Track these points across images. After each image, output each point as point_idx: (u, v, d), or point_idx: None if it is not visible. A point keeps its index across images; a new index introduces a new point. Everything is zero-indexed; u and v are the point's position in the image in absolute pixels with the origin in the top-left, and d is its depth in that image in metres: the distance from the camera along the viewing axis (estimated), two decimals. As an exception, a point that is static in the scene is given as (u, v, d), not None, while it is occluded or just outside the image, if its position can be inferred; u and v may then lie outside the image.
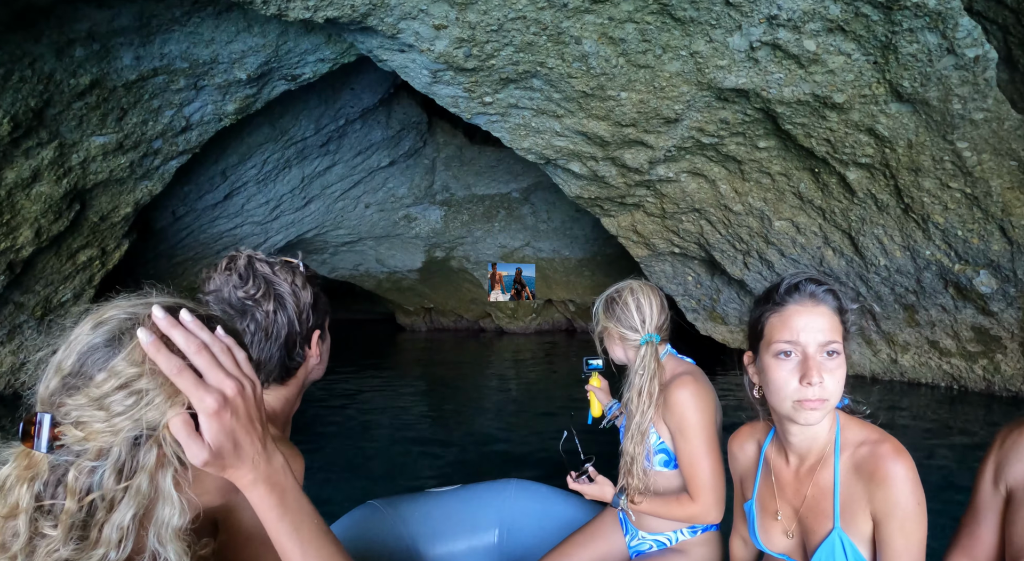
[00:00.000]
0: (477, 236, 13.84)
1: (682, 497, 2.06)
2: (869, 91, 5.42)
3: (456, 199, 13.17)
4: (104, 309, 0.93)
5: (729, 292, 8.68)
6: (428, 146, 11.71)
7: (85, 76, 4.94)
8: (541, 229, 13.73)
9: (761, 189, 6.87)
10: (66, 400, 0.87)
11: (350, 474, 5.05)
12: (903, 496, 1.40)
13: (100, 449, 0.85)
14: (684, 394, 2.02)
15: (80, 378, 0.87)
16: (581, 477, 2.18)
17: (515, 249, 14.22)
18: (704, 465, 2.00)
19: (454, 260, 14.70)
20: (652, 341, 2.12)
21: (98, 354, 0.88)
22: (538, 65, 5.31)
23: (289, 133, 8.39)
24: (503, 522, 2.66)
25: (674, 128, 6.17)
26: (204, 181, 8.19)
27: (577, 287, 14.68)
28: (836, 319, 1.49)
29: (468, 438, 6.37)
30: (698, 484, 2.01)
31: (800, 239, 7.16)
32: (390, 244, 14.15)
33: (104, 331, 0.89)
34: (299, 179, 9.87)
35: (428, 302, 16.89)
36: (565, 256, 14.19)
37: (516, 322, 16.17)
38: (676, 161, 6.74)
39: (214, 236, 10.12)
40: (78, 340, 0.90)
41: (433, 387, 10.41)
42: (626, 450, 2.12)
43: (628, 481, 2.10)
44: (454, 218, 13.43)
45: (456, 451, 5.83)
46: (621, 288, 2.24)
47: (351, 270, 15.52)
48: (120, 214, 6.61)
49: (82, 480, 0.85)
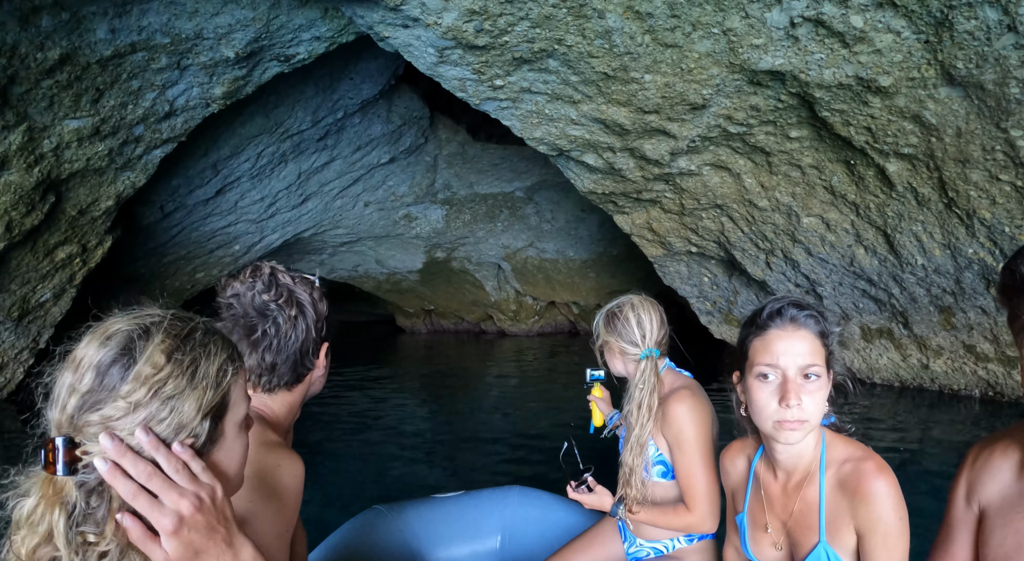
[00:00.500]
0: (479, 236, 13.27)
1: (679, 507, 2.10)
2: (918, 73, 4.87)
3: (458, 198, 12.61)
4: (105, 326, 0.93)
5: (747, 294, 8.13)
6: (429, 142, 11.15)
7: (54, 50, 4.37)
8: (545, 229, 13.17)
9: (790, 183, 6.32)
10: (90, 417, 0.88)
11: (350, 478, 4.94)
12: (885, 512, 1.45)
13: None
14: (682, 408, 2.07)
15: (102, 392, 0.88)
16: (580, 487, 2.20)
17: (518, 250, 13.66)
18: (700, 477, 2.05)
19: (455, 261, 14.13)
20: (652, 356, 2.15)
21: (116, 366, 0.89)
22: (556, 42, 4.75)
23: (284, 125, 7.82)
24: (505, 528, 2.68)
25: (700, 116, 5.62)
26: (194, 175, 7.60)
27: (581, 289, 14.11)
28: (817, 342, 1.53)
29: (469, 443, 6.22)
30: (694, 495, 2.05)
31: (830, 237, 6.61)
32: (390, 244, 13.58)
33: (115, 344, 0.90)
34: (295, 175, 9.29)
35: (428, 304, 16.31)
36: (569, 257, 13.63)
37: (518, 324, 15.60)
38: (699, 153, 6.19)
39: (206, 234, 9.54)
40: (88, 358, 0.90)
41: (434, 390, 9.85)
42: (625, 461, 2.15)
43: (626, 492, 2.14)
44: (455, 218, 12.87)
45: (457, 456, 5.68)
46: (622, 303, 2.26)
47: (350, 271, 14.95)
48: (100, 208, 6.04)
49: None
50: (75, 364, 0.90)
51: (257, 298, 1.45)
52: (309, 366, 1.54)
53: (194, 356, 0.94)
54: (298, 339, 1.48)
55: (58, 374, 0.91)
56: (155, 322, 0.93)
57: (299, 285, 1.51)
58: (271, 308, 1.45)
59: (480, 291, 14.98)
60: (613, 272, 13.74)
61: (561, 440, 2.33)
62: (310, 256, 14.15)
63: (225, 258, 10.62)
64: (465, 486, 3.05)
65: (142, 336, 0.90)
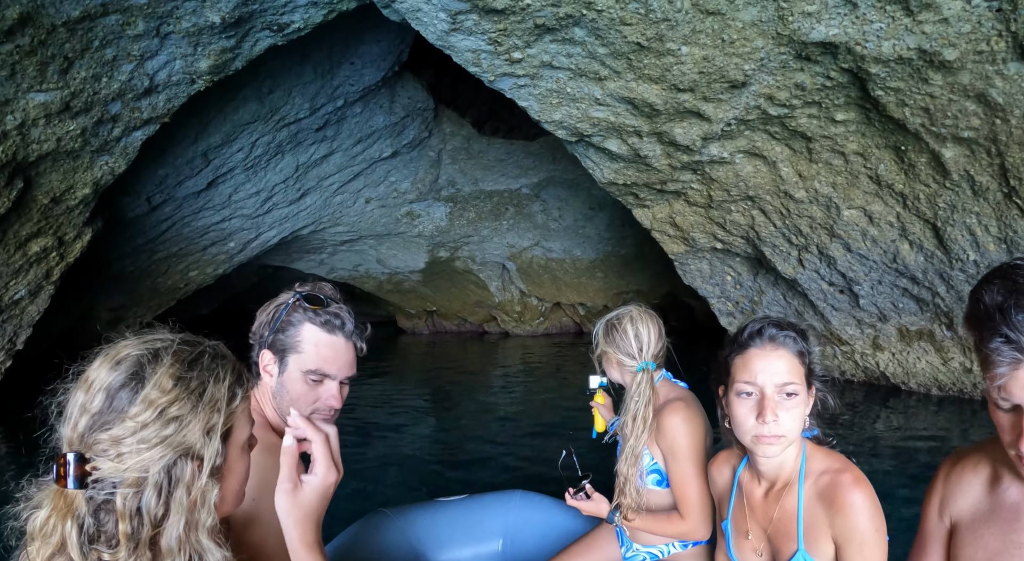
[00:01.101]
0: (484, 235, 12.64)
1: (673, 515, 2.13)
2: (987, 46, 4.26)
3: (462, 195, 11.98)
4: (116, 350, 0.97)
5: (774, 293, 7.51)
6: (433, 136, 10.52)
7: (12, 7, 3.72)
8: (552, 228, 12.54)
9: (831, 172, 5.70)
10: (99, 436, 0.92)
11: (354, 481, 4.82)
12: (861, 522, 1.48)
13: (139, 477, 0.92)
14: (676, 420, 2.10)
15: (111, 414, 0.93)
16: (578, 494, 2.22)
17: (523, 249, 13.03)
18: (693, 486, 2.07)
19: (459, 260, 13.49)
20: (648, 369, 2.18)
21: (125, 390, 0.93)
22: (585, 6, 4.12)
23: (280, 112, 7.18)
24: (507, 531, 2.70)
25: (738, 95, 5.00)
26: (183, 164, 6.96)
27: (588, 289, 13.48)
28: (796, 361, 1.58)
29: (472, 447, 6.00)
30: (687, 504, 2.08)
31: (872, 231, 5.99)
32: (391, 243, 12.94)
33: (125, 368, 0.95)
34: (293, 168, 8.65)
35: (431, 305, 15.66)
36: (576, 256, 13.00)
37: (523, 326, 14.96)
38: (732, 138, 5.57)
39: (199, 230, 8.89)
40: (99, 380, 0.95)
41: (437, 392, 9.23)
42: (620, 471, 2.18)
43: (621, 500, 2.18)
44: (459, 215, 12.23)
45: (460, 460, 5.52)
46: (622, 315, 2.27)
47: (350, 271, 14.31)
48: (76, 196, 5.39)
49: (130, 503, 0.92)
50: (87, 385, 0.95)
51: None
52: (255, 360, 1.58)
53: (202, 380, 0.98)
54: (253, 328, 1.59)
55: (71, 393, 0.97)
56: (164, 346, 0.98)
57: (298, 295, 1.58)
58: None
59: (484, 292, 14.35)
60: (621, 273, 13.11)
61: (562, 445, 2.39)
62: (310, 255, 13.50)
63: (220, 256, 9.98)
64: (468, 490, 3.08)
65: (151, 361, 0.96)
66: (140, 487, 0.91)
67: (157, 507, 0.92)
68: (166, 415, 0.92)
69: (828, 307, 7.09)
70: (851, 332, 7.31)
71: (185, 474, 0.94)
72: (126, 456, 0.91)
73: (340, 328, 1.55)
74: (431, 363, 12.90)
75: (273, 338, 1.54)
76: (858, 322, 7.17)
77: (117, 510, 0.90)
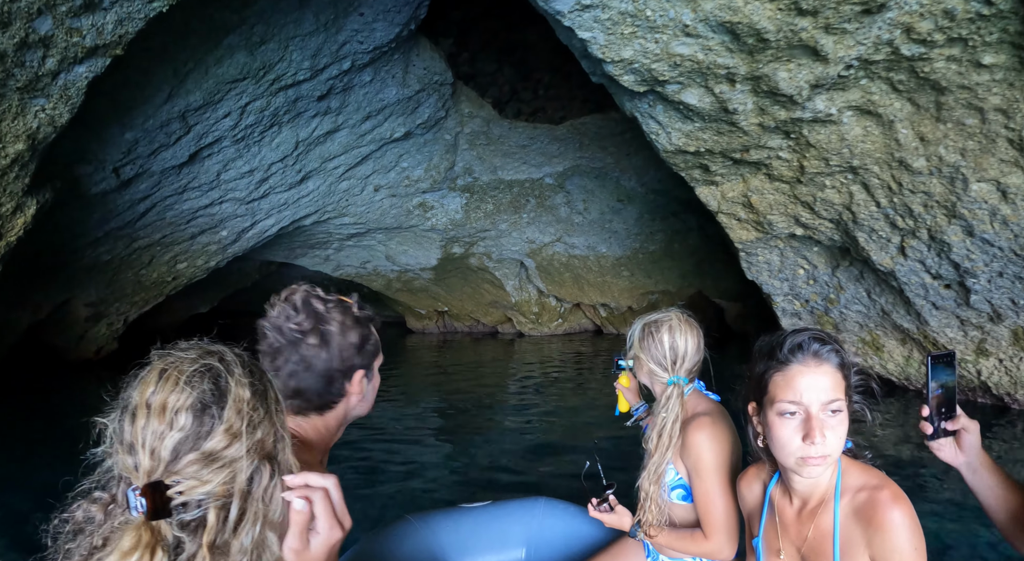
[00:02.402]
0: (502, 229, 11.29)
1: (696, 534, 2.01)
2: None
3: (480, 185, 10.64)
4: (167, 370, 0.92)
5: (855, 290, 6.16)
6: (450, 117, 9.18)
7: None
8: (576, 222, 11.19)
9: (961, 134, 4.35)
10: (190, 456, 0.89)
11: (378, 488, 4.61)
12: (901, 541, 1.38)
13: (227, 487, 0.91)
14: (701, 436, 1.96)
15: (202, 430, 0.90)
16: (602, 505, 2.10)
17: (543, 245, 11.67)
18: (718, 505, 1.95)
19: (473, 257, 12.13)
20: (679, 383, 2.04)
21: (212, 405, 0.91)
22: None
23: (275, 70, 5.84)
24: (531, 539, 2.58)
25: (870, 24, 3.65)
26: (155, 128, 5.61)
27: (613, 289, 12.12)
28: (839, 376, 1.47)
29: (493, 452, 5.57)
30: (712, 522, 1.96)
31: (1004, 210, 4.63)
32: (402, 238, 11.61)
33: (201, 384, 0.91)
34: (292, 144, 7.31)
35: (442, 305, 14.30)
36: (601, 253, 11.64)
37: (540, 327, 13.60)
38: (845, 89, 4.22)
39: (185, 215, 7.55)
40: (173, 402, 0.90)
41: (452, 396, 7.87)
42: (643, 487, 2.05)
43: (642, 516, 2.06)
44: (476, 207, 10.89)
45: (482, 465, 5.19)
46: (661, 320, 2.08)
47: (358, 268, 12.97)
48: (7, 153, 4.04)
49: (220, 515, 0.90)
50: (159, 410, 0.90)
51: (285, 325, 1.42)
52: (338, 392, 1.47)
53: (264, 384, 1.00)
54: (320, 368, 1.43)
55: (127, 423, 0.91)
56: (223, 357, 0.96)
57: (332, 311, 1.45)
58: (295, 336, 1.41)
59: (500, 291, 12.99)
60: (649, 271, 11.75)
61: (588, 450, 2.40)
62: (314, 250, 12.16)
63: (211, 246, 8.63)
64: (491, 496, 2.99)
65: (226, 372, 0.94)
66: (228, 498, 0.91)
67: (237, 513, 0.92)
68: (253, 422, 0.93)
69: (928, 305, 5.72)
70: (951, 335, 5.94)
71: (264, 477, 0.95)
72: (218, 470, 0.90)
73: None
74: (443, 365, 11.55)
75: (361, 357, 1.48)
76: (962, 323, 5.80)
77: (208, 525, 0.89)
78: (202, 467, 0.88)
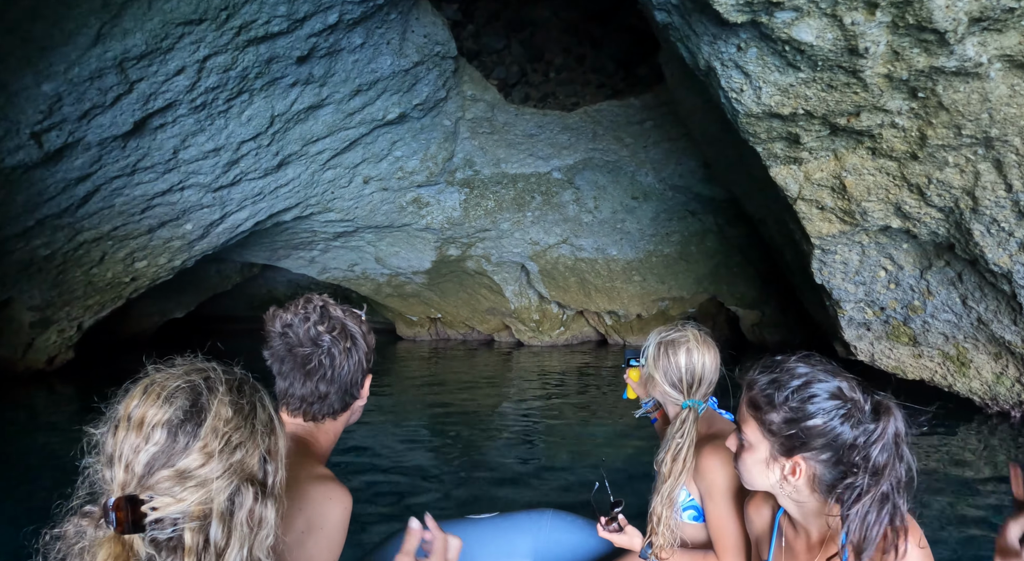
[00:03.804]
0: (503, 229, 9.98)
1: (708, 555, 1.90)
2: None
3: (480, 179, 9.32)
4: (153, 385, 0.88)
5: (947, 295, 4.90)
6: (451, 100, 7.87)
7: None
8: (584, 221, 9.90)
9: None
10: (163, 473, 0.83)
11: (382, 498, 4.23)
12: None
13: (204, 508, 0.84)
14: (715, 461, 1.83)
15: (175, 448, 0.84)
16: (611, 524, 1.96)
17: (548, 247, 10.37)
18: (731, 529, 1.83)
19: (471, 259, 10.80)
20: (694, 407, 1.91)
21: (189, 423, 0.85)
22: None
23: (241, 13, 4.49)
24: (537, 552, 2.47)
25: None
26: (83, 79, 4.22)
27: (623, 296, 10.83)
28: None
29: (498, 464, 5.06)
30: (725, 546, 1.85)
31: None
32: (393, 238, 10.25)
33: (181, 400, 0.86)
34: (267, 119, 5.95)
35: (435, 311, 12.94)
36: (611, 256, 10.36)
37: (541, 336, 12.28)
38: (1002, 31, 2.98)
39: (137, 201, 6.16)
40: (151, 417, 0.85)
41: (450, 405, 6.54)
42: (655, 511, 1.92)
43: (654, 539, 1.92)
44: (476, 205, 9.57)
45: (485, 477, 4.67)
46: (678, 340, 1.92)
47: (345, 271, 11.59)
48: None
49: (198, 537, 0.84)
50: (137, 424, 0.85)
51: (312, 329, 1.39)
52: (355, 396, 1.49)
53: (253, 405, 0.93)
54: (350, 370, 1.44)
55: (108, 435, 0.87)
56: (211, 375, 0.91)
57: (349, 318, 1.46)
58: (325, 339, 1.40)
59: (498, 297, 11.66)
60: (662, 276, 10.49)
61: (595, 466, 2.30)
62: (298, 251, 10.77)
63: (174, 241, 7.22)
64: (498, 507, 2.86)
65: (207, 390, 0.88)
66: (206, 519, 0.84)
67: (222, 537, 0.85)
68: (232, 443, 0.86)
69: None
70: (1071, 354, 4.72)
71: (247, 500, 0.88)
72: (192, 489, 0.83)
73: None
74: (436, 374, 10.19)
75: (369, 362, 1.50)
76: (1088, 340, 4.58)
77: (186, 546, 0.82)
78: (175, 484, 0.83)
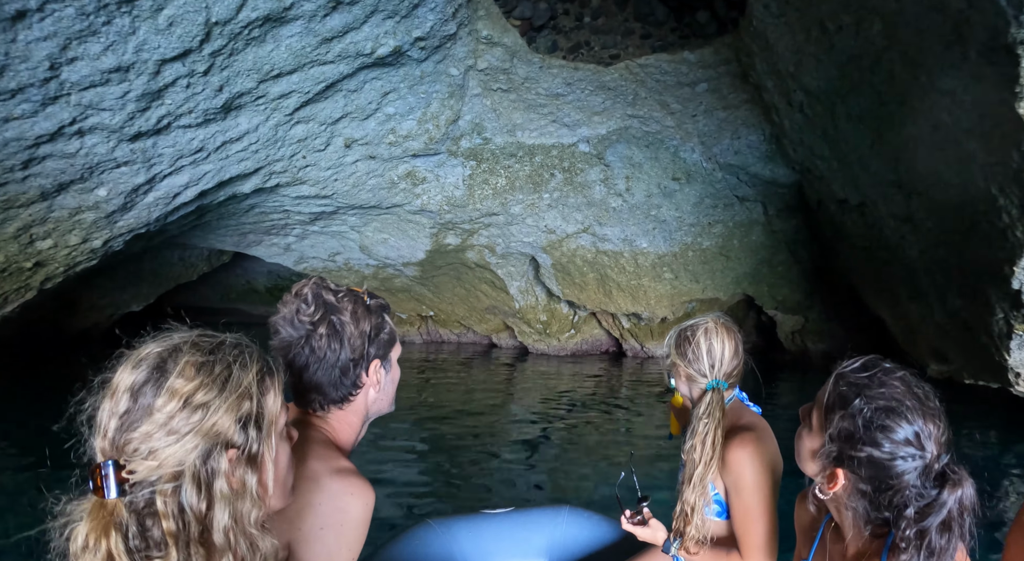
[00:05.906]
0: (514, 213, 7.96)
1: (732, 554, 1.80)
2: None
3: (491, 150, 7.30)
4: (137, 352, 0.87)
5: None
6: (460, 41, 5.85)
7: None
8: (612, 206, 7.91)
9: None
10: (131, 436, 0.82)
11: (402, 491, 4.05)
12: None
13: (175, 471, 0.82)
14: (743, 454, 1.74)
15: (138, 412, 0.83)
16: (635, 517, 1.87)
17: (566, 236, 8.36)
18: (757, 526, 1.75)
19: (472, 250, 8.77)
20: (718, 387, 1.83)
21: (149, 384, 0.84)
22: None
23: None
24: (553, 549, 2.34)
25: None
26: None
27: (649, 296, 8.85)
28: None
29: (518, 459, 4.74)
30: (749, 544, 1.76)
31: None
32: (381, 223, 8.20)
33: (146, 365, 0.85)
34: (199, 26, 3.87)
35: (427, 308, 10.90)
36: (640, 249, 8.38)
37: (547, 339, 10.29)
38: None
39: (13, 149, 4.06)
40: (123, 383, 0.85)
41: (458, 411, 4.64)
42: (686, 499, 1.80)
43: (685, 529, 1.81)
44: (484, 182, 7.54)
45: (502, 472, 4.49)
46: (695, 326, 1.89)
47: (325, 261, 9.52)
48: None
49: (171, 501, 0.81)
50: (112, 390, 0.85)
51: (296, 318, 1.29)
52: (354, 384, 1.33)
53: (225, 366, 0.88)
54: (334, 358, 1.29)
55: (98, 403, 0.86)
56: (183, 339, 0.88)
57: (342, 301, 1.31)
58: (303, 328, 1.28)
59: (501, 294, 9.64)
60: (697, 274, 8.53)
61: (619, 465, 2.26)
62: (270, 237, 8.68)
63: (84, 213, 5.11)
64: (515, 502, 2.71)
65: (172, 354, 0.86)
66: (178, 482, 0.81)
67: (199, 502, 0.82)
68: (192, 402, 0.83)
69: None
70: None
71: (222, 464, 0.84)
72: (159, 451, 0.81)
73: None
74: (425, 387, 8.16)
75: (375, 346, 1.35)
76: None
77: (159, 510, 0.80)
78: (142, 446, 0.80)
